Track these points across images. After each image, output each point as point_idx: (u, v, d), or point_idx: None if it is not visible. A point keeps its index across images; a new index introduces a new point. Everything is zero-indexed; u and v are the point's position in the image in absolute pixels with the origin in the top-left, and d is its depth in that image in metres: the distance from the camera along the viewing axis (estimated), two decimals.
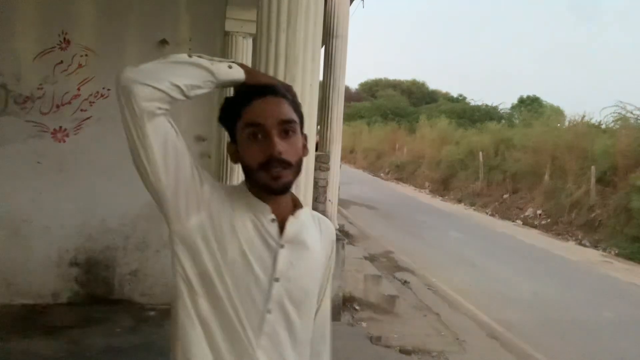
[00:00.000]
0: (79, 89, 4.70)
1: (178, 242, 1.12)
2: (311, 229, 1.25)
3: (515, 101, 34.50)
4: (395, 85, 48.87)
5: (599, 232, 11.98)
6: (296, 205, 1.23)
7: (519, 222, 14.27)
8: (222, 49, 4.75)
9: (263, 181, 1.10)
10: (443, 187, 20.10)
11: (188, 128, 4.94)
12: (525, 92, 37.76)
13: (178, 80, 1.07)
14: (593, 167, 12.97)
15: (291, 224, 1.17)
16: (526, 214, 14.64)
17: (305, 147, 1.18)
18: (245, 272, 1.11)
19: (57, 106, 4.67)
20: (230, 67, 1.14)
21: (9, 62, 4.54)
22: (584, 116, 16.09)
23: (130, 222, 4.85)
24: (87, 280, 4.80)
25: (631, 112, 14.30)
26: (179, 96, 1.09)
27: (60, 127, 4.69)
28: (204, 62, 1.11)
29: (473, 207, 16.70)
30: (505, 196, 16.44)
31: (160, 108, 1.07)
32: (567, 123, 17.28)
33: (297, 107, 1.16)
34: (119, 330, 4.25)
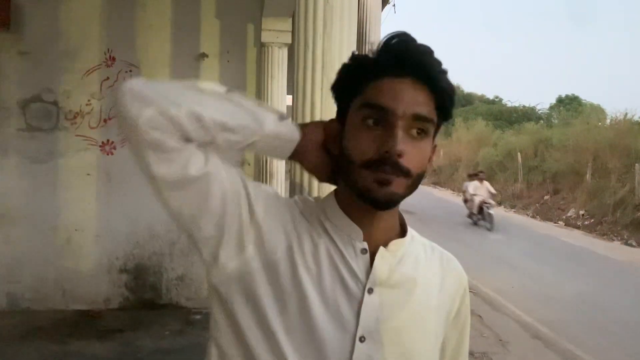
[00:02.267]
0: None
1: (214, 296, 0.85)
2: (423, 265, 0.90)
3: (553, 101, 33.77)
4: None
5: None
6: (404, 232, 0.91)
7: (561, 223, 13.96)
8: (259, 60, 4.91)
9: (363, 184, 0.79)
10: None
11: None
12: (563, 92, 36.85)
13: (204, 111, 0.77)
14: (637, 165, 12.59)
15: (383, 257, 0.84)
16: (568, 214, 14.30)
17: (431, 158, 0.87)
18: (311, 331, 0.79)
19: (105, 120, 4.91)
20: (281, 119, 0.84)
21: (59, 80, 4.81)
22: (626, 113, 15.66)
23: (175, 228, 5.01)
24: (136, 286, 5.00)
25: None
26: (198, 135, 0.78)
27: (108, 140, 4.92)
28: (247, 103, 0.83)
29: (513, 209, 16.43)
30: (546, 197, 16.11)
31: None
32: (608, 121, 16.84)
33: (447, 106, 0.84)
34: (167, 333, 4.42)
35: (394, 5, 9.02)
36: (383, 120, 0.79)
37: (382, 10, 7.17)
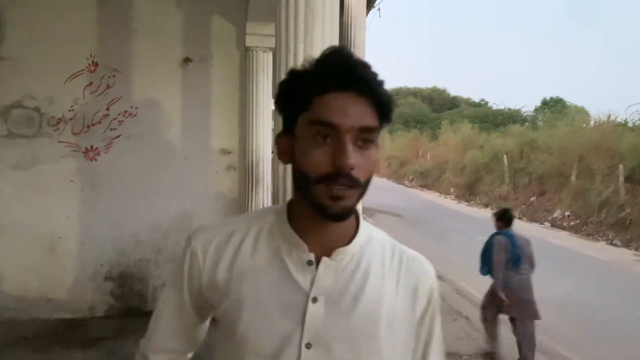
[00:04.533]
0: (108, 109, 4.89)
1: None
2: (376, 270, 0.91)
3: (538, 103, 34.14)
4: (415, 93, 48.75)
5: (630, 231, 11.74)
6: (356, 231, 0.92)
7: (548, 224, 14.08)
8: (244, 64, 4.90)
9: (319, 200, 0.82)
10: (468, 192, 19.95)
11: (213, 141, 5.09)
12: (548, 94, 37.28)
13: None
14: (621, 166, 12.75)
15: (327, 267, 0.87)
16: (554, 215, 14.43)
17: (377, 162, 0.88)
18: (246, 347, 0.87)
19: (88, 126, 4.86)
20: None
21: (41, 86, 4.76)
22: (609, 115, 15.86)
23: (161, 235, 4.99)
24: (122, 293, 4.95)
25: None
26: None
27: (92, 146, 4.87)
28: None
29: None
30: (532, 199, 16.24)
31: None
32: (592, 123, 17.03)
33: (388, 115, 0.86)
34: None
35: (378, 9, 9.06)
36: (332, 135, 0.81)
37: (366, 14, 7.18)
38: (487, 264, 4.86)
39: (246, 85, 4.85)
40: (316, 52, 2.00)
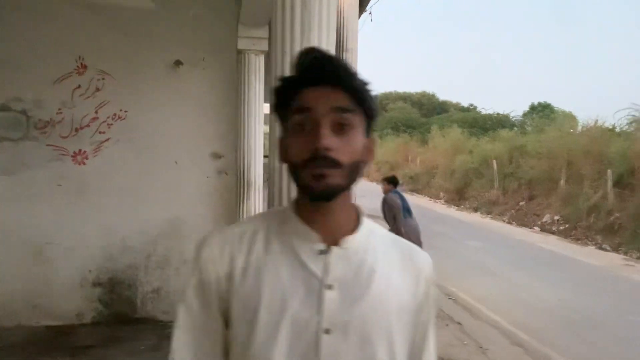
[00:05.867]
0: (96, 112, 4.81)
1: None
2: (381, 257, 0.95)
3: (526, 108, 34.39)
4: (405, 97, 48.94)
5: (619, 236, 11.81)
6: (359, 224, 0.97)
7: (537, 228, 14.14)
8: (236, 67, 4.85)
9: (304, 182, 0.88)
10: (458, 196, 20.02)
11: (205, 145, 5.03)
12: (536, 99, 37.60)
13: None
14: (609, 171, 12.85)
15: (337, 254, 0.91)
16: (543, 220, 14.50)
17: (370, 151, 0.95)
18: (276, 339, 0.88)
19: (76, 129, 4.78)
20: None
21: (28, 89, 4.67)
22: (596, 120, 15.99)
23: (150, 240, 4.91)
24: (111, 300, 4.86)
25: None
26: None
27: (80, 149, 4.79)
28: None
29: (490, 216, 16.59)
30: (521, 203, 16.31)
31: None
32: (580, 128, 17.17)
33: (365, 101, 0.91)
34: (142, 348, 4.29)
35: (370, 13, 9.06)
36: (310, 121, 0.88)
37: (358, 18, 7.17)
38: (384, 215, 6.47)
39: (238, 88, 4.80)
40: None
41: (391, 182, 6.80)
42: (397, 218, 6.35)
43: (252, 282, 0.91)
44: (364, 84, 0.92)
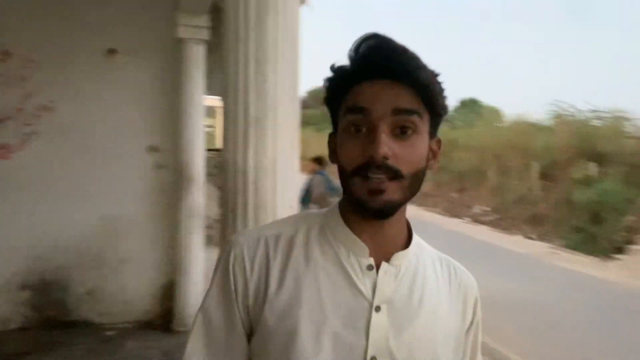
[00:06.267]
0: (22, 103, 4.47)
1: None
2: (431, 277, 0.87)
3: (456, 104, 35.61)
4: None
5: (544, 225, 12.49)
6: (410, 240, 0.87)
7: (468, 219, 14.69)
8: (175, 56, 4.65)
9: (357, 194, 0.77)
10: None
11: (139, 138, 4.81)
12: (465, 95, 39.08)
13: None
14: (535, 163, 13.54)
15: (387, 272, 0.81)
16: (474, 211, 15.09)
17: (435, 154, 0.85)
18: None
19: (0, 121, 4.42)
20: None
21: None
22: (520, 115, 16.82)
23: (84, 239, 4.64)
24: (40, 303, 4.55)
25: (566, 110, 15.06)
26: None
27: (4, 143, 4.44)
28: None
29: (423, 207, 17.06)
30: (453, 195, 16.90)
31: None
32: (506, 123, 18.01)
33: (433, 100, 0.79)
34: (79, 353, 4.06)
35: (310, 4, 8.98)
36: (366, 123, 0.77)
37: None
38: (308, 197, 6.53)
39: (177, 79, 4.60)
40: (269, 42, 1.88)
41: (319, 161, 6.88)
42: (324, 199, 6.43)
43: (289, 294, 0.79)
44: (434, 76, 0.79)
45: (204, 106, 4.76)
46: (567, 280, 8.16)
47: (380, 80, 0.77)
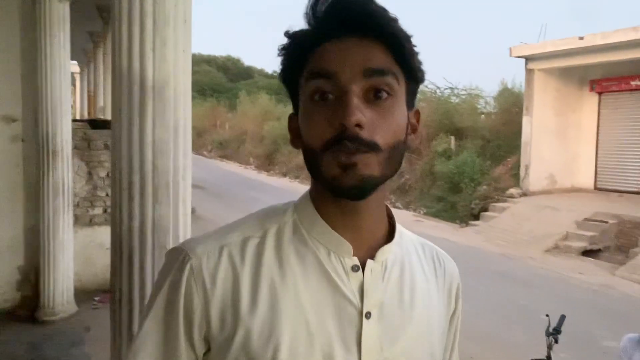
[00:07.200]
0: None
1: None
2: (418, 270, 0.77)
3: None
4: (209, 60, 47.79)
5: (409, 195, 13.37)
6: (392, 230, 0.75)
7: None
8: (32, 16, 4.07)
9: (328, 173, 0.65)
10: (268, 162, 20.47)
11: None
12: None
13: None
14: None
15: (374, 272, 0.70)
16: None
17: (414, 128, 0.72)
18: None
19: None
20: None
21: None
22: None
23: None
24: None
25: (427, 87, 16.13)
26: None
27: None
28: None
29: (298, 180, 17.32)
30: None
31: None
32: None
33: (408, 59, 0.67)
34: None
35: None
36: (332, 89, 0.64)
37: None
38: None
39: (36, 40, 4.05)
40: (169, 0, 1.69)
41: None
42: None
43: (265, 314, 0.66)
44: (405, 33, 0.66)
45: (70, 72, 4.27)
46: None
47: (347, 37, 0.65)
